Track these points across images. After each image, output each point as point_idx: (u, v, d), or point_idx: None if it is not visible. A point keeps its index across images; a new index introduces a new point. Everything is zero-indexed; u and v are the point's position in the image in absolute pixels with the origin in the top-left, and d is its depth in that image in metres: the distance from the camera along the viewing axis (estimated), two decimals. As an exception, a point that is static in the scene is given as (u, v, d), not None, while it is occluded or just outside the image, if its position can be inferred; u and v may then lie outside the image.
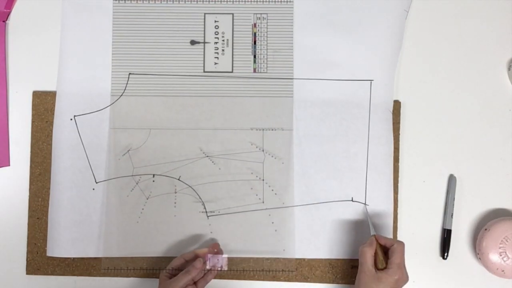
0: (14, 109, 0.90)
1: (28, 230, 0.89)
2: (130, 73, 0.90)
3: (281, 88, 0.90)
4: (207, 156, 0.89)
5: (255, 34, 0.90)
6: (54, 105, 0.89)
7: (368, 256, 0.81)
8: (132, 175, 0.89)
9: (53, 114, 0.89)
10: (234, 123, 0.89)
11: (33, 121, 0.90)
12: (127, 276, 0.89)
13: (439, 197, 0.90)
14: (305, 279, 0.89)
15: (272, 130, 0.90)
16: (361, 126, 0.89)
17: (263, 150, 0.89)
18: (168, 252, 0.89)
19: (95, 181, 0.89)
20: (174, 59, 0.90)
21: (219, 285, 0.88)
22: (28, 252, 0.89)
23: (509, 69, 0.90)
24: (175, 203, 0.89)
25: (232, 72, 0.90)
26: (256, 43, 0.90)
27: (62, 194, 0.88)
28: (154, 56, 0.90)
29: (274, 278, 0.89)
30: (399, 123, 0.90)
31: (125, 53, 0.90)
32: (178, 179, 0.89)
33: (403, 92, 0.91)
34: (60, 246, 0.88)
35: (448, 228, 0.89)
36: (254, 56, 0.90)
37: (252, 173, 0.89)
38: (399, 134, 0.90)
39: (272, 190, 0.89)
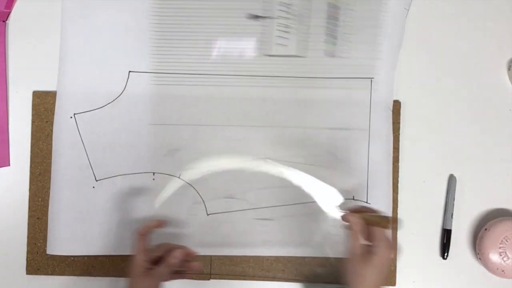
0: (14, 109, 0.90)
1: (28, 230, 0.89)
2: (130, 71, 0.90)
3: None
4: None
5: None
6: (54, 105, 0.89)
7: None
8: (134, 173, 0.89)
9: (53, 114, 0.89)
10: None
11: (33, 121, 0.90)
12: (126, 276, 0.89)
13: (439, 197, 0.90)
14: (305, 278, 0.89)
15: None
16: (362, 124, 0.89)
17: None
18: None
19: (95, 179, 0.89)
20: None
21: (219, 285, 0.88)
22: (28, 252, 0.89)
23: (509, 69, 0.90)
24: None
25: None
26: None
27: (62, 191, 0.88)
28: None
29: (274, 278, 0.89)
30: (399, 123, 0.90)
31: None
32: (179, 177, 0.89)
33: (403, 92, 0.91)
34: (60, 244, 0.88)
35: (448, 228, 0.89)
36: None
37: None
38: (399, 134, 0.90)
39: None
